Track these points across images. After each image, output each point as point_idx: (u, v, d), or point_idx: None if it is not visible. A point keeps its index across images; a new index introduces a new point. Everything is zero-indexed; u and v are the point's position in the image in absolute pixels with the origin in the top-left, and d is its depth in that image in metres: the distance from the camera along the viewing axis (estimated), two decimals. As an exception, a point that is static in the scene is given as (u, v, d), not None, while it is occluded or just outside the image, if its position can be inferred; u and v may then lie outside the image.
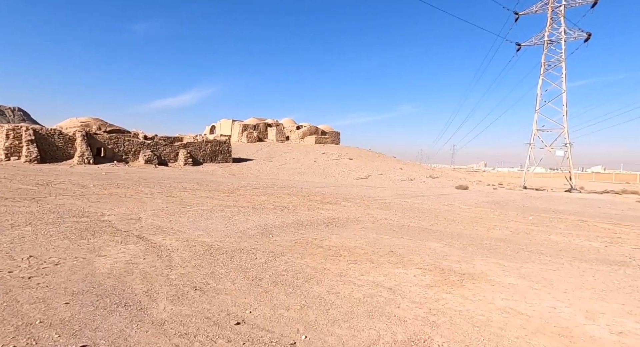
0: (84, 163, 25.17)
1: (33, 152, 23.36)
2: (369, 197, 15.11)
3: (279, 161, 36.37)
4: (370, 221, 9.10)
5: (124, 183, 15.14)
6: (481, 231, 8.44)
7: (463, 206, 13.59)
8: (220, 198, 12.18)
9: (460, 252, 6.14)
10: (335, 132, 58.12)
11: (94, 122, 32.84)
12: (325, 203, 12.35)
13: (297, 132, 54.79)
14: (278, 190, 16.32)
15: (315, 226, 8.04)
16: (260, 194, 14.28)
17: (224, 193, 13.76)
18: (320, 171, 31.70)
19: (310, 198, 13.62)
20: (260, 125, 55.77)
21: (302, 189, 17.67)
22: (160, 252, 5.30)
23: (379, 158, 43.68)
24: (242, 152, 39.98)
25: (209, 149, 34.05)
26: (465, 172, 61.99)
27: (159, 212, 8.71)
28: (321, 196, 14.53)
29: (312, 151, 43.31)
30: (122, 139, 28.95)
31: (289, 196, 14.10)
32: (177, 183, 16.54)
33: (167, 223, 7.50)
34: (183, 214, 8.68)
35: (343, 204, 12.27)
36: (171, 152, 31.62)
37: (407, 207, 12.32)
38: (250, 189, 15.87)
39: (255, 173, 28.94)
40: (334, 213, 10.15)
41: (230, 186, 16.75)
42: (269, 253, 5.55)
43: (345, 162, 37.09)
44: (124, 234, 6.28)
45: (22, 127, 24.18)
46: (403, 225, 8.78)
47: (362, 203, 12.91)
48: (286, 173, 29.95)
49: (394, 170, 34.17)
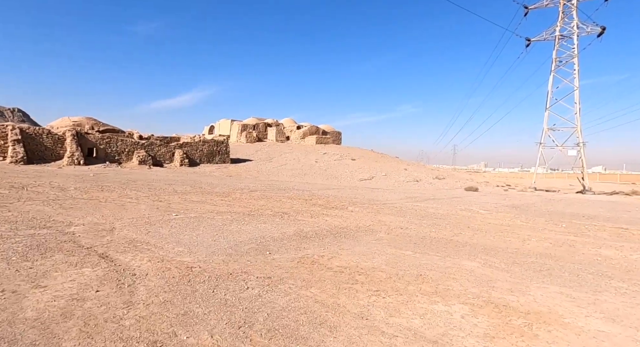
0: (74, 164, 23.92)
1: (19, 153, 22.12)
2: (377, 201, 13.85)
3: (279, 162, 35.12)
4: (384, 231, 7.83)
5: (109, 185, 13.89)
6: (516, 243, 7.18)
7: (482, 210, 12.32)
8: (212, 203, 10.92)
9: (507, 276, 4.88)
10: (337, 132, 56.87)
11: (86, 122, 31.62)
12: (330, 208, 11.09)
13: (297, 132, 53.53)
14: (278, 193, 15.07)
15: (321, 238, 6.78)
16: (257, 197, 13.02)
17: (218, 197, 12.50)
18: (322, 172, 30.44)
19: (313, 202, 12.36)
20: (259, 125, 54.54)
21: (303, 191, 16.41)
22: (122, 280, 4.04)
23: (382, 158, 42.43)
24: (241, 153, 38.74)
25: (206, 149, 32.81)
26: (467, 173, 60.67)
27: (138, 221, 7.45)
28: (325, 200, 13.27)
29: (313, 151, 42.07)
30: (115, 138, 27.71)
31: (289, 199, 12.84)
32: (168, 185, 15.29)
33: (144, 235, 6.25)
34: (166, 223, 7.42)
35: (350, 210, 11.01)
36: (167, 152, 30.38)
37: (422, 213, 11.05)
38: (247, 192, 14.61)
39: (254, 174, 27.69)
40: (341, 221, 8.89)
41: (226, 189, 15.49)
42: (265, 279, 4.30)
43: (348, 163, 35.84)
44: (84, 253, 5.02)
45: (7, 126, 22.93)
46: (423, 236, 7.52)
47: (371, 208, 11.64)
48: (286, 174, 28.69)
49: (399, 171, 32.91)
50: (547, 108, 30.52)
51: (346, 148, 48.62)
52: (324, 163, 35.13)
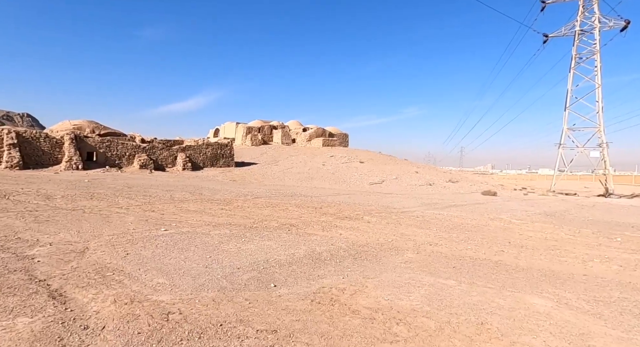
0: (72, 169, 22.97)
1: (15, 158, 21.21)
2: (393, 209, 12.55)
3: (285, 165, 33.93)
4: (412, 249, 6.55)
5: (101, 193, 12.78)
6: (577, 266, 5.84)
7: (515, 220, 10.94)
8: (211, 212, 9.71)
9: (600, 324, 3.57)
10: (344, 134, 55.65)
11: (87, 125, 30.76)
12: (343, 218, 9.82)
13: (303, 135, 52.38)
14: (284, 199, 13.84)
15: (339, 261, 5.52)
16: (262, 205, 11.80)
17: (218, 205, 11.30)
18: (330, 176, 29.17)
19: (323, 211, 11.10)
20: (265, 128, 53.50)
21: (312, 197, 15.16)
22: (65, 340, 2.82)
23: (391, 161, 41.05)
24: (245, 156, 37.66)
25: (209, 152, 31.75)
26: (475, 175, 58.80)
27: (118, 238, 6.26)
28: (336, 207, 12.00)
29: (320, 154, 40.85)
30: (116, 142, 26.75)
31: (297, 207, 11.60)
32: (166, 192, 14.14)
33: (120, 260, 5.04)
34: (151, 241, 6.22)
35: (366, 220, 9.73)
36: (169, 156, 29.37)
37: (448, 224, 9.73)
38: (251, 199, 13.40)
39: (259, 178, 26.52)
40: (358, 235, 7.62)
41: (228, 195, 14.30)
42: (268, 335, 3.05)
43: (356, 166, 34.53)
44: (32, 289, 3.82)
45: (3, 130, 22.06)
46: (460, 255, 6.22)
47: (389, 218, 10.35)
48: (293, 178, 27.48)
49: (410, 174, 31.51)
50: (566, 107, 28.96)
51: (354, 150, 47.33)
52: (331, 166, 33.87)
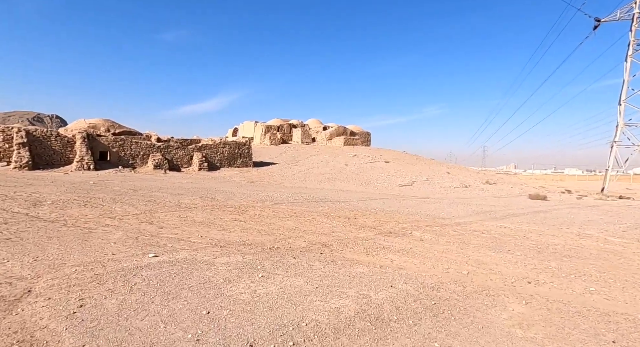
0: (83, 169, 21.77)
1: (24, 157, 20.13)
2: (442, 219, 10.29)
3: (306, 165, 31.98)
4: (510, 293, 4.35)
5: (100, 198, 11.12)
6: None
7: (613, 238, 8.48)
8: (221, 225, 7.78)
9: None
10: (366, 133, 53.26)
11: (102, 124, 29.78)
12: (387, 234, 7.68)
13: (323, 133, 50.33)
14: (309, 206, 11.82)
15: (413, 326, 3.40)
16: (283, 214, 9.81)
17: (232, 213, 9.38)
18: (354, 177, 26.98)
19: (359, 222, 8.98)
20: (284, 127, 51.79)
21: (340, 203, 13.08)
22: None
23: (417, 161, 38.42)
24: (264, 155, 35.98)
25: (226, 152, 30.18)
26: (498, 174, 54.85)
27: (83, 273, 4.37)
28: (374, 218, 9.86)
29: (342, 154, 38.71)
30: (129, 141, 25.48)
31: (326, 217, 9.53)
32: (174, 196, 12.38)
33: (63, 320, 3.11)
34: (128, 277, 4.28)
35: (418, 237, 7.55)
36: (184, 156, 27.95)
37: (528, 244, 7.42)
38: (270, 206, 11.44)
39: (278, 179, 24.65)
40: (419, 263, 5.48)
41: (244, 200, 12.40)
42: None
43: (382, 166, 32.18)
44: None
45: (13, 128, 21.06)
46: (592, 306, 3.98)
47: (445, 233, 8.13)
48: (314, 179, 25.47)
49: (441, 175, 28.91)
50: (622, 100, 25.67)
51: (377, 149, 44.92)
52: (355, 166, 31.67)
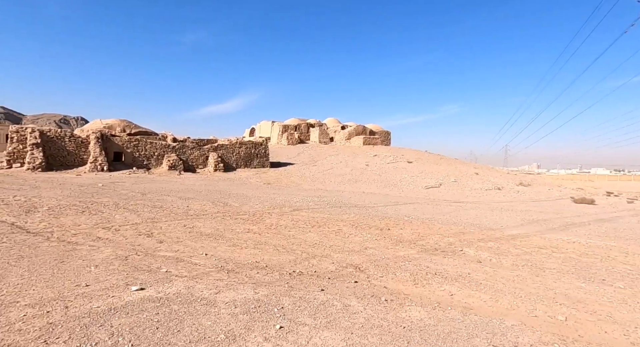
0: (97, 170, 21.15)
1: (37, 158, 19.63)
2: (491, 231, 8.71)
3: (324, 165, 30.64)
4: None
5: (102, 203, 10.10)
6: None
7: None
8: (232, 238, 6.51)
9: None
10: (385, 132, 51.42)
11: (118, 124, 29.34)
12: (432, 252, 6.21)
13: (342, 133, 48.87)
14: (332, 213, 10.45)
15: None
16: (304, 223, 8.47)
17: (245, 222, 8.12)
18: (377, 178, 25.43)
19: (394, 235, 7.54)
20: (301, 126, 50.61)
21: (367, 209, 11.65)
22: None
23: (442, 161, 36.43)
24: (281, 156, 34.86)
25: (243, 152, 29.19)
26: (526, 175, 51.77)
27: (31, 322, 3.12)
28: (409, 228, 8.39)
29: (361, 153, 37.17)
30: (144, 141, 24.81)
31: (354, 228, 8.14)
32: (184, 201, 11.26)
33: None
34: (88, 331, 2.98)
35: (472, 256, 6.05)
36: (200, 156, 27.10)
37: (623, 268, 5.81)
38: (289, 212, 10.13)
39: (296, 181, 23.40)
40: (489, 300, 4.02)
41: (260, 205, 11.15)
42: None
43: (404, 166, 30.48)
44: None
45: (27, 129, 20.64)
46: None
47: (505, 250, 6.59)
48: (334, 180, 24.09)
49: (469, 176, 26.98)
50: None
51: (398, 149, 43.11)
52: (376, 167, 30.10)
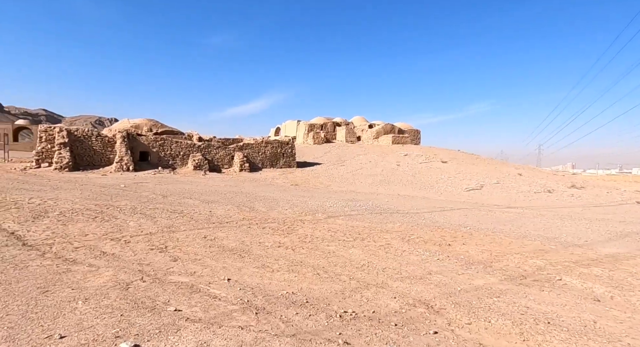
0: (122, 170, 20.79)
1: (64, 158, 19.46)
2: (578, 247, 7.06)
3: (353, 166, 29.23)
4: None
5: (119, 207, 9.23)
6: None
7: None
8: (259, 256, 5.31)
9: None
10: (415, 131, 49.29)
11: (145, 123, 29.19)
12: (520, 281, 4.74)
13: (369, 132, 47.22)
14: (372, 220, 9.08)
15: None
16: (342, 234, 7.17)
17: (274, 233, 6.92)
18: (410, 179, 23.75)
19: (458, 252, 6.09)
20: (327, 125, 49.36)
21: (410, 215, 10.19)
22: None
23: (478, 160, 34.09)
24: (307, 155, 33.76)
25: (269, 151, 28.29)
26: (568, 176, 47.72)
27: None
28: (474, 243, 6.90)
29: (391, 153, 35.45)
30: (169, 141, 24.37)
31: (404, 241, 6.75)
32: (207, 204, 10.25)
33: None
34: None
35: (581, 290, 4.54)
36: (225, 155, 26.42)
37: None
38: (324, 219, 8.86)
39: (324, 182, 22.15)
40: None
41: (290, 210, 9.95)
42: None
43: (439, 166, 28.55)
44: None
45: (55, 128, 20.57)
46: None
47: (623, 281, 5.01)
48: (365, 182, 22.64)
49: (512, 177, 24.74)
50: None
51: (429, 148, 40.99)
52: (407, 167, 28.36)
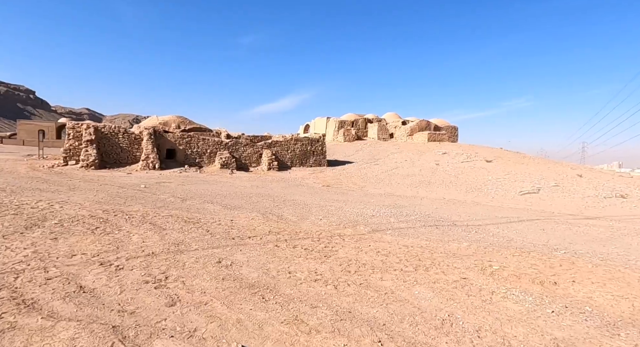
0: (148, 168, 20.11)
1: (91, 156, 18.99)
2: None
3: (387, 165, 27.23)
4: None
5: (129, 214, 8.02)
6: None
7: None
8: (289, 296, 3.73)
9: None
10: (452, 127, 46.23)
11: (173, 120, 28.69)
12: None
13: (403, 128, 44.76)
14: (429, 237, 7.29)
15: None
16: (396, 258, 5.46)
17: (308, 255, 5.33)
18: (453, 180, 21.48)
19: (574, 299, 4.23)
20: (359, 122, 47.41)
21: (471, 229, 8.28)
22: None
23: (526, 159, 30.93)
24: (338, 153, 32.08)
25: (298, 149, 26.89)
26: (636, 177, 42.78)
27: None
28: (589, 283, 4.98)
29: (427, 151, 33.04)
30: (196, 138, 23.52)
31: (483, 273, 4.95)
32: (228, 211, 8.85)
33: None
34: None
35: None
36: (253, 153, 25.29)
37: None
38: (367, 235, 7.18)
39: (358, 182, 20.40)
40: None
41: (324, 221, 8.34)
42: None
43: (483, 166, 25.93)
44: None
45: (82, 125, 20.19)
46: None
47: None
48: (402, 182, 20.66)
49: (572, 179, 21.80)
50: None
51: (468, 146, 38.03)
52: (448, 166, 25.97)
